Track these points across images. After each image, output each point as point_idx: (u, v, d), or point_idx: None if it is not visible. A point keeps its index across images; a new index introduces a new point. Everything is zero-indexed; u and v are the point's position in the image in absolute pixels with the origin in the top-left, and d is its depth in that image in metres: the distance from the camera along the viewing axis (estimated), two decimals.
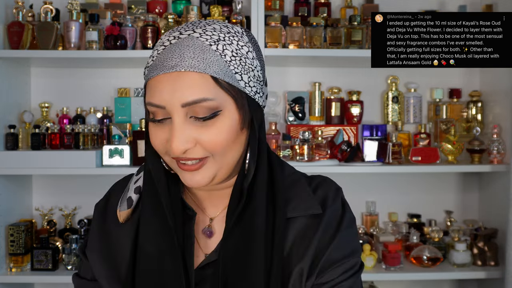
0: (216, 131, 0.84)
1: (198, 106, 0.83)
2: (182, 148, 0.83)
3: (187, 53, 0.83)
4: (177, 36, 0.86)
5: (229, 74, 0.85)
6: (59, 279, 2.14)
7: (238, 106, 0.86)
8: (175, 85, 0.82)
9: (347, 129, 2.33)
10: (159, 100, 0.84)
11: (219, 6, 2.19)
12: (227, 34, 0.87)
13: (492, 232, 2.25)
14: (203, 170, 0.86)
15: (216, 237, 0.95)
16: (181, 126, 0.83)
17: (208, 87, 0.83)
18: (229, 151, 0.87)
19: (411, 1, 2.44)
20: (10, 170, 2.13)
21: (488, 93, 2.39)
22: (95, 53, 2.13)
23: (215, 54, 0.84)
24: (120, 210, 0.95)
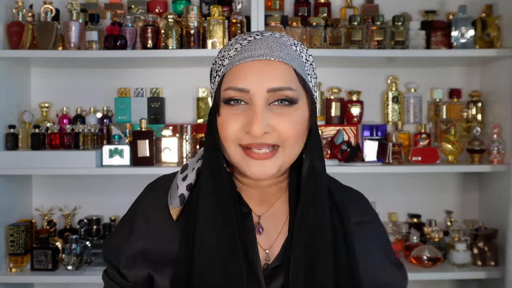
0: (292, 120, 0.90)
1: (280, 93, 0.89)
2: (262, 130, 0.87)
3: (275, 46, 0.91)
4: (260, 34, 0.95)
5: (305, 73, 0.94)
6: (59, 279, 2.14)
7: (309, 103, 0.94)
8: (263, 71, 0.89)
9: (347, 129, 2.33)
10: (245, 84, 0.88)
11: (219, 6, 2.19)
12: (298, 42, 0.98)
13: (492, 232, 2.25)
14: (272, 160, 0.90)
15: (266, 233, 0.97)
16: (263, 109, 0.88)
17: (291, 78, 0.90)
18: (296, 144, 0.92)
19: (411, 1, 2.44)
20: (10, 170, 2.13)
21: (488, 93, 2.39)
22: (95, 53, 2.13)
23: (296, 53, 0.94)
24: (173, 207, 0.96)
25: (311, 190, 0.93)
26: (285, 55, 0.91)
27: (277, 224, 0.98)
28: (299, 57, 0.94)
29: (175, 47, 2.16)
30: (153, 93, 2.40)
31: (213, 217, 0.91)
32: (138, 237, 0.98)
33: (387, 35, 2.20)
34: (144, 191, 1.05)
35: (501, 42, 2.25)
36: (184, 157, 2.20)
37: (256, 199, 0.99)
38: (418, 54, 2.18)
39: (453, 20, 2.23)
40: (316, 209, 0.93)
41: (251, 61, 0.89)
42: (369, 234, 1.01)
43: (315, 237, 0.91)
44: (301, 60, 0.94)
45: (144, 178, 1.30)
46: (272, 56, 0.89)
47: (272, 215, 0.99)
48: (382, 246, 1.03)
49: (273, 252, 0.96)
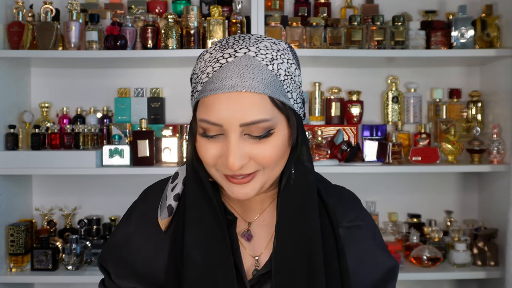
0: (270, 147, 0.87)
1: (254, 127, 0.85)
2: (238, 165, 0.85)
3: (247, 73, 0.85)
4: (233, 54, 0.87)
5: (283, 93, 0.88)
6: (59, 279, 2.14)
7: (289, 124, 0.90)
8: (235, 105, 0.84)
9: (347, 129, 2.33)
10: (216, 118, 0.85)
11: (219, 6, 2.19)
12: (277, 52, 0.90)
13: (492, 232, 2.25)
14: (252, 183, 0.89)
15: (256, 240, 0.97)
16: (237, 143, 0.85)
17: (266, 108, 0.85)
18: (277, 166, 0.90)
19: (411, 1, 2.44)
20: (10, 170, 2.13)
21: (488, 93, 2.39)
22: (95, 53, 2.13)
23: (272, 74, 0.87)
24: (162, 218, 0.95)
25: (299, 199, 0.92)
26: (258, 83, 0.84)
27: (267, 230, 0.98)
28: (276, 77, 0.87)
29: (175, 47, 2.16)
30: (153, 93, 2.40)
31: (199, 229, 0.91)
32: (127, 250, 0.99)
33: (387, 35, 2.20)
34: (138, 198, 1.06)
35: (501, 42, 2.25)
36: (184, 157, 2.20)
37: (244, 206, 0.99)
38: (418, 54, 2.18)
39: (453, 20, 2.23)
40: (305, 219, 0.91)
41: (222, 93, 0.84)
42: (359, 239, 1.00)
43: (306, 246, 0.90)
44: (278, 80, 0.87)
45: (144, 178, 1.30)
46: (244, 87, 0.84)
47: (263, 221, 0.99)
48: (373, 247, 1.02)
49: (262, 259, 0.96)
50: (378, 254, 1.01)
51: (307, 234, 0.91)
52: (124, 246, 1.00)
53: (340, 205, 1.01)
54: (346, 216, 1.00)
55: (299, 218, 0.91)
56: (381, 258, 1.01)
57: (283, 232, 0.91)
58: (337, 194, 1.04)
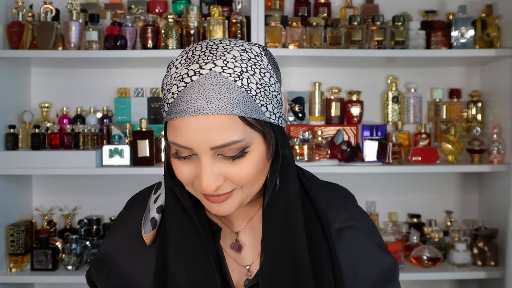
0: (245, 166, 0.83)
1: (226, 149, 0.81)
2: (213, 187, 0.82)
3: (212, 94, 0.79)
4: (198, 71, 0.81)
5: (255, 109, 0.82)
6: (59, 279, 2.14)
7: (265, 139, 0.85)
8: (202, 128, 0.79)
9: (347, 129, 2.33)
10: (185, 142, 0.81)
11: (219, 6, 2.19)
12: (248, 62, 0.83)
13: (492, 232, 2.25)
14: (230, 200, 0.86)
15: (246, 249, 0.95)
16: (210, 166, 0.82)
17: (236, 128, 0.80)
18: (256, 182, 0.87)
19: (411, 1, 2.44)
20: (10, 170, 2.13)
21: (488, 93, 2.39)
22: (95, 53, 2.13)
23: (241, 91, 0.81)
24: (146, 232, 0.92)
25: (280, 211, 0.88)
26: (225, 104, 0.79)
27: (257, 237, 0.94)
28: (246, 93, 0.81)
29: (175, 47, 2.16)
30: (153, 93, 2.40)
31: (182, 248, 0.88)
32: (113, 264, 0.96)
33: (387, 35, 2.20)
34: (123, 210, 1.03)
35: (501, 42, 2.25)
36: None
37: (231, 215, 0.94)
38: (418, 54, 2.18)
39: (453, 20, 2.23)
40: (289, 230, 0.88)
41: (188, 116, 0.79)
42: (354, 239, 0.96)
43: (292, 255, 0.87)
44: (249, 96, 0.81)
45: (144, 178, 1.30)
46: (210, 109, 0.78)
47: (252, 228, 0.96)
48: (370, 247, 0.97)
49: (254, 268, 0.93)
50: (374, 253, 0.96)
51: (293, 247, 0.87)
52: (110, 260, 0.97)
53: (331, 206, 0.97)
54: (338, 217, 0.96)
55: (283, 231, 0.88)
56: (377, 258, 0.96)
57: (268, 247, 0.88)
58: (328, 194, 0.99)
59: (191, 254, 0.88)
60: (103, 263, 0.98)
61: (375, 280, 0.95)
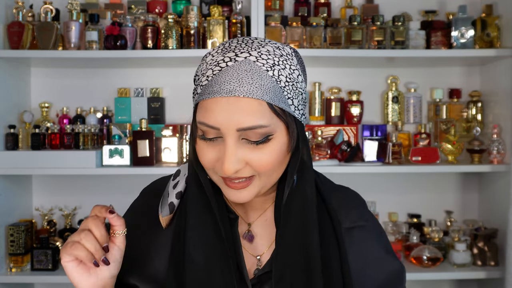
0: (267, 153, 0.87)
1: (252, 132, 0.85)
2: (233, 169, 0.85)
3: (245, 78, 0.84)
4: (233, 58, 0.87)
5: (283, 100, 0.87)
6: (59, 279, 2.14)
7: (288, 131, 0.89)
8: (232, 109, 0.84)
9: (347, 129, 2.33)
10: (214, 121, 0.85)
11: (219, 6, 2.19)
12: (280, 57, 0.88)
13: (492, 232, 2.25)
14: (248, 189, 0.89)
15: (257, 240, 0.98)
16: (234, 148, 0.85)
17: (263, 113, 0.85)
18: (275, 172, 0.90)
19: (411, 1, 2.44)
20: (10, 170, 2.13)
21: (488, 93, 2.39)
22: (95, 53, 2.13)
23: (271, 80, 0.86)
24: (163, 215, 0.96)
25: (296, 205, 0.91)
26: (256, 89, 0.84)
27: (269, 229, 0.98)
28: (276, 84, 0.86)
29: (175, 47, 2.16)
30: (153, 93, 2.40)
31: (201, 230, 0.91)
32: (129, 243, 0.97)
33: (387, 35, 2.20)
34: (138, 197, 1.07)
35: (501, 42, 2.25)
36: (184, 157, 2.20)
37: (246, 205, 0.99)
38: (418, 54, 2.18)
39: (453, 20, 2.23)
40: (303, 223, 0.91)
41: (220, 97, 0.84)
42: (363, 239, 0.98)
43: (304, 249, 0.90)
44: (279, 86, 0.86)
45: (144, 178, 1.30)
46: (241, 92, 0.83)
47: (264, 221, 0.99)
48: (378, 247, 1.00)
49: (265, 258, 0.96)
50: (382, 256, 0.99)
51: (306, 242, 0.90)
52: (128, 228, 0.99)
53: (342, 206, 1.00)
54: (349, 217, 0.99)
55: (298, 226, 0.91)
56: (385, 260, 0.99)
57: (283, 239, 0.91)
58: (340, 195, 1.03)
59: (209, 238, 0.91)
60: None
61: (383, 281, 0.97)
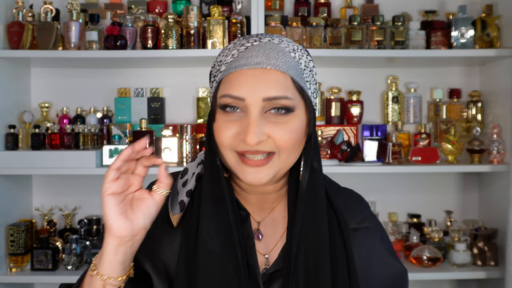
0: (288, 128, 0.89)
1: (276, 102, 0.88)
2: (256, 139, 0.86)
3: (272, 54, 0.89)
4: (258, 40, 0.93)
5: (303, 80, 0.92)
6: (59, 279, 2.13)
7: (307, 110, 0.92)
8: (259, 79, 0.87)
9: (347, 129, 2.33)
10: (240, 92, 0.87)
11: (219, 6, 2.19)
12: (298, 46, 0.95)
13: (492, 232, 2.25)
14: (266, 168, 0.90)
15: (265, 239, 0.98)
16: (258, 118, 0.87)
17: (288, 86, 0.89)
18: (293, 152, 0.91)
19: (411, 1, 2.44)
20: (10, 170, 2.13)
21: (488, 93, 2.39)
22: (95, 53, 2.13)
23: (294, 60, 0.91)
24: (174, 214, 0.96)
25: (309, 199, 0.92)
26: (282, 63, 0.89)
27: (277, 229, 0.99)
28: (298, 64, 0.92)
29: (175, 47, 2.16)
30: (153, 93, 2.40)
31: (213, 223, 0.91)
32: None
33: (387, 35, 2.20)
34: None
35: (501, 42, 2.25)
36: (184, 157, 2.20)
37: (254, 204, 0.99)
38: (418, 54, 2.18)
39: (453, 20, 2.23)
40: (314, 218, 0.92)
41: (247, 69, 0.88)
42: (368, 240, 1.00)
43: (314, 246, 0.91)
44: (300, 68, 0.92)
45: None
46: (269, 64, 0.88)
47: (272, 220, 0.99)
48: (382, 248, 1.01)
49: (272, 257, 0.96)
50: (386, 257, 1.00)
51: (317, 239, 0.91)
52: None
53: (348, 207, 1.01)
54: (355, 218, 1.01)
55: (309, 221, 0.91)
56: (389, 261, 1.00)
57: (293, 236, 0.91)
58: (345, 197, 1.04)
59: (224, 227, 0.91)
60: None
61: (388, 282, 0.99)
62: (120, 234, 0.85)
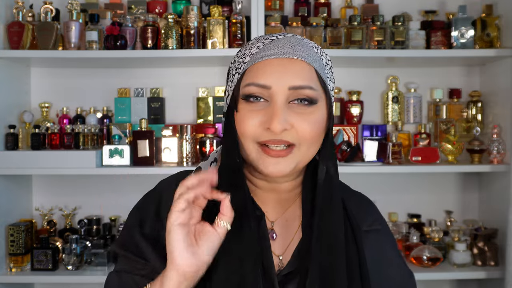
0: (311, 120, 0.90)
1: (301, 92, 0.89)
2: (281, 127, 0.87)
3: (297, 46, 0.92)
4: (282, 35, 0.96)
5: (324, 75, 0.94)
6: (59, 279, 2.14)
7: (328, 104, 0.94)
8: (285, 68, 0.89)
9: (347, 129, 2.33)
10: (266, 80, 0.89)
11: (219, 6, 2.19)
12: (318, 46, 0.98)
13: (492, 232, 2.25)
14: (287, 159, 0.90)
15: (279, 239, 0.97)
16: (283, 107, 0.88)
17: (313, 77, 0.91)
18: (313, 145, 0.92)
19: (411, 1, 2.44)
20: (10, 170, 2.13)
21: (488, 93, 2.39)
22: (95, 53, 2.13)
23: (317, 55, 0.95)
24: None
25: (326, 197, 0.92)
26: (308, 55, 0.91)
27: (290, 230, 0.98)
28: (320, 60, 0.94)
29: (175, 47, 2.16)
30: (153, 93, 2.40)
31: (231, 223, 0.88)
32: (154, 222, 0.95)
33: (387, 35, 2.20)
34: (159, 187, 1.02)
35: (501, 42, 2.25)
36: (184, 157, 2.20)
37: (270, 203, 0.98)
38: (418, 54, 2.18)
39: (453, 20, 2.23)
40: (331, 218, 0.92)
41: (274, 58, 0.89)
42: (378, 242, 1.01)
43: (330, 246, 0.90)
44: (322, 63, 0.94)
45: (144, 178, 1.30)
46: (295, 55, 0.90)
47: (286, 220, 0.99)
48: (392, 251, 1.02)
49: (285, 258, 0.95)
50: (396, 260, 1.01)
51: (333, 236, 0.90)
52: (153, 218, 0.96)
53: (359, 209, 1.02)
54: (366, 220, 1.02)
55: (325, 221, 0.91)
56: (398, 264, 1.01)
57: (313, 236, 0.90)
58: (356, 199, 1.05)
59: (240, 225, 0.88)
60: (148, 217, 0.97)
61: (398, 284, 0.99)
62: (185, 269, 0.81)
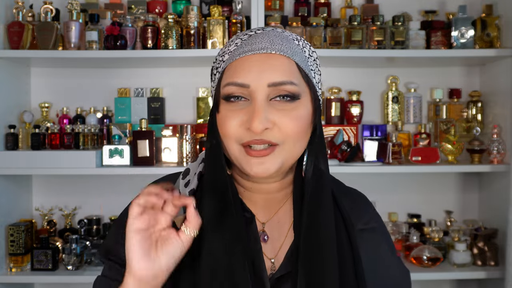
0: (294, 116, 0.87)
1: (282, 88, 0.86)
2: (262, 126, 0.84)
3: (276, 40, 0.89)
4: (261, 29, 0.93)
5: (308, 68, 0.91)
6: (59, 279, 2.14)
7: (312, 98, 0.91)
8: (264, 65, 0.86)
9: (347, 129, 2.33)
10: (245, 79, 0.86)
11: (219, 6, 2.19)
12: (300, 37, 0.95)
13: (492, 232, 2.25)
14: (271, 158, 0.87)
15: (270, 241, 0.94)
16: (263, 105, 0.85)
17: (293, 72, 0.87)
18: (298, 142, 0.89)
19: (411, 1, 2.44)
20: (10, 170, 2.13)
21: (488, 93, 2.39)
22: (95, 53, 2.13)
23: (298, 47, 0.91)
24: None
25: (314, 193, 0.90)
26: (287, 49, 0.88)
27: (282, 231, 0.95)
28: (302, 52, 0.91)
29: (175, 47, 2.16)
30: (153, 93, 2.40)
31: (217, 225, 0.87)
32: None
33: (387, 35, 2.20)
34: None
35: (501, 42, 2.25)
36: (184, 157, 2.20)
37: (259, 205, 0.96)
38: (418, 54, 2.18)
39: (453, 20, 2.23)
40: (319, 215, 0.90)
41: (251, 54, 0.86)
42: (374, 240, 0.99)
43: (321, 246, 0.88)
44: (304, 55, 0.91)
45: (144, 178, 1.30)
46: (273, 49, 0.87)
47: (277, 222, 0.96)
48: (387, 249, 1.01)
49: (278, 261, 0.93)
50: (390, 258, 1.00)
51: (324, 238, 0.89)
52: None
53: (354, 207, 1.00)
54: (361, 219, 0.99)
55: (316, 221, 0.89)
56: (393, 262, 1.00)
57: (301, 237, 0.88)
58: (351, 197, 1.02)
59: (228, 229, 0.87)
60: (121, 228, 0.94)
61: (394, 283, 0.98)
62: (141, 273, 0.81)
